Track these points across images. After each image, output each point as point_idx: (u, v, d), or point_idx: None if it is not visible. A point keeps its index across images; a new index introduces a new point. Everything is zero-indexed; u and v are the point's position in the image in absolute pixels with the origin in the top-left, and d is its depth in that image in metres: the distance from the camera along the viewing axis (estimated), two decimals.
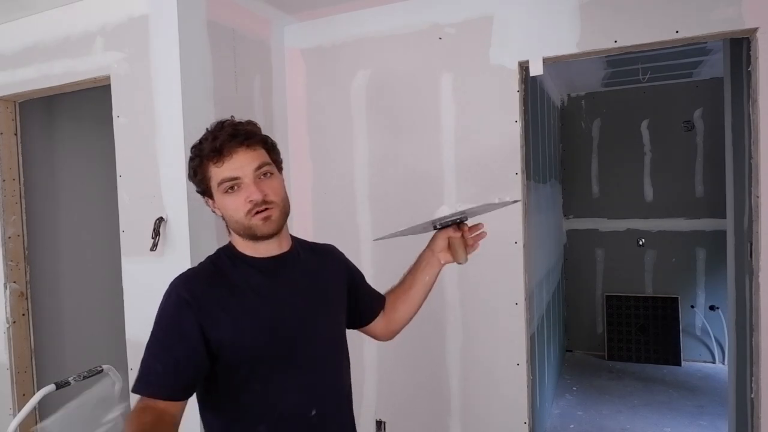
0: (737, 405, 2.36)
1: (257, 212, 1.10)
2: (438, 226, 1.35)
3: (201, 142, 1.15)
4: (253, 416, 1.11)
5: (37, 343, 2.54)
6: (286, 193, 1.17)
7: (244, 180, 1.10)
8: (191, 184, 1.37)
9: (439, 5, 2.24)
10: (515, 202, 1.89)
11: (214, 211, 1.20)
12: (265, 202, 1.10)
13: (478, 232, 1.35)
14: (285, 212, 1.15)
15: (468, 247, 1.34)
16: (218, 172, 1.11)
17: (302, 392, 1.14)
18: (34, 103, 2.55)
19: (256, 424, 1.11)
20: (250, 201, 1.09)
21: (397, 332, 1.44)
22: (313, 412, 1.14)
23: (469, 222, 1.36)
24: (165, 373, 1.04)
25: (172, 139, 1.97)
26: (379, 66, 2.37)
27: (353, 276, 1.37)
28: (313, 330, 1.17)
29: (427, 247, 1.38)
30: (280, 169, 1.19)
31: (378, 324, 1.41)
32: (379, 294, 1.43)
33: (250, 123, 1.17)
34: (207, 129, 1.16)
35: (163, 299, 1.11)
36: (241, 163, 1.10)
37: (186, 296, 1.08)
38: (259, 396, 1.11)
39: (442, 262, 1.36)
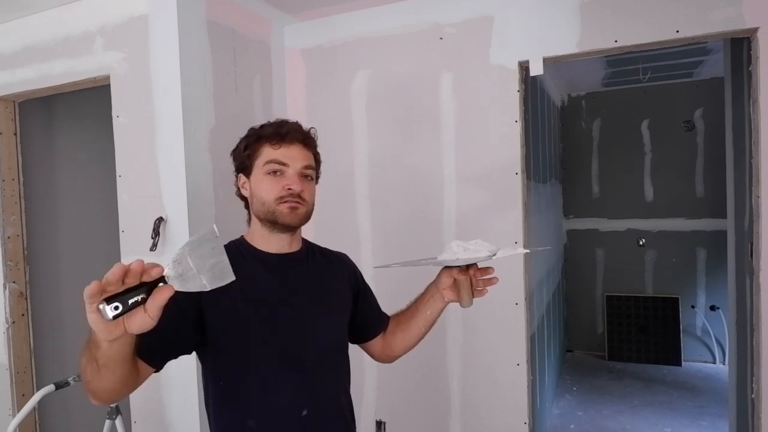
0: (738, 405, 2.36)
1: (287, 201, 1.14)
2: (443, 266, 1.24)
3: (262, 126, 1.20)
4: (244, 409, 1.12)
5: (36, 343, 2.53)
6: (314, 201, 1.22)
7: (290, 170, 1.16)
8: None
9: (440, 5, 2.24)
10: (525, 251, 1.84)
11: (239, 190, 1.24)
12: (299, 196, 1.15)
13: (488, 276, 1.20)
14: (309, 214, 1.20)
15: (475, 290, 1.20)
16: (271, 153, 1.16)
17: (295, 392, 1.15)
18: (33, 103, 2.55)
19: (246, 417, 1.12)
20: (289, 189, 1.14)
21: (393, 358, 1.40)
22: (305, 413, 1.14)
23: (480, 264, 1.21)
24: (150, 341, 0.95)
25: (172, 139, 1.97)
26: (380, 66, 2.37)
27: (360, 288, 1.36)
28: (311, 331, 1.18)
29: (433, 281, 1.28)
30: (316, 181, 1.25)
31: (376, 344, 1.38)
32: (383, 314, 1.40)
33: (312, 129, 1.25)
34: (268, 121, 1.22)
35: None
36: (295, 155, 1.17)
37: None
38: (251, 390, 1.12)
39: (446, 300, 1.24)
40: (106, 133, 2.18)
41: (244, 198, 1.24)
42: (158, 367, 1.05)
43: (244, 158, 1.20)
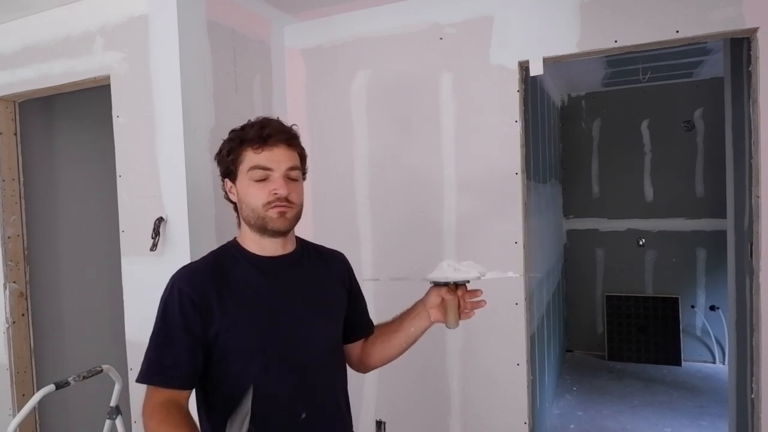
0: (737, 405, 2.36)
1: (276, 206, 1.13)
2: (432, 283, 1.23)
3: (243, 128, 1.17)
4: None
5: (36, 343, 2.53)
6: (303, 201, 1.20)
7: (275, 173, 1.13)
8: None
9: (440, 5, 2.24)
10: (516, 276, 1.83)
11: (227, 195, 1.22)
12: (287, 199, 1.13)
13: (476, 299, 1.20)
14: (298, 216, 1.19)
15: (461, 312, 1.19)
16: (254, 158, 1.13)
17: (293, 394, 1.14)
18: (33, 103, 2.55)
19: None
20: (275, 193, 1.12)
21: (368, 369, 1.37)
22: (304, 415, 1.14)
23: (470, 285, 1.21)
24: (172, 365, 1.08)
25: (172, 139, 1.97)
26: (380, 66, 2.37)
27: (352, 289, 1.35)
28: (307, 333, 1.18)
29: (421, 299, 1.26)
30: (303, 179, 1.23)
31: (354, 350, 1.36)
32: (369, 320, 1.39)
33: (294, 126, 1.22)
34: (249, 120, 1.20)
35: (165, 293, 1.13)
36: (279, 158, 1.14)
37: (188, 291, 1.10)
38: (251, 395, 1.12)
39: (432, 319, 1.23)
40: (106, 133, 2.18)
41: (232, 201, 1.22)
42: (193, 387, 1.13)
43: (228, 163, 1.17)
